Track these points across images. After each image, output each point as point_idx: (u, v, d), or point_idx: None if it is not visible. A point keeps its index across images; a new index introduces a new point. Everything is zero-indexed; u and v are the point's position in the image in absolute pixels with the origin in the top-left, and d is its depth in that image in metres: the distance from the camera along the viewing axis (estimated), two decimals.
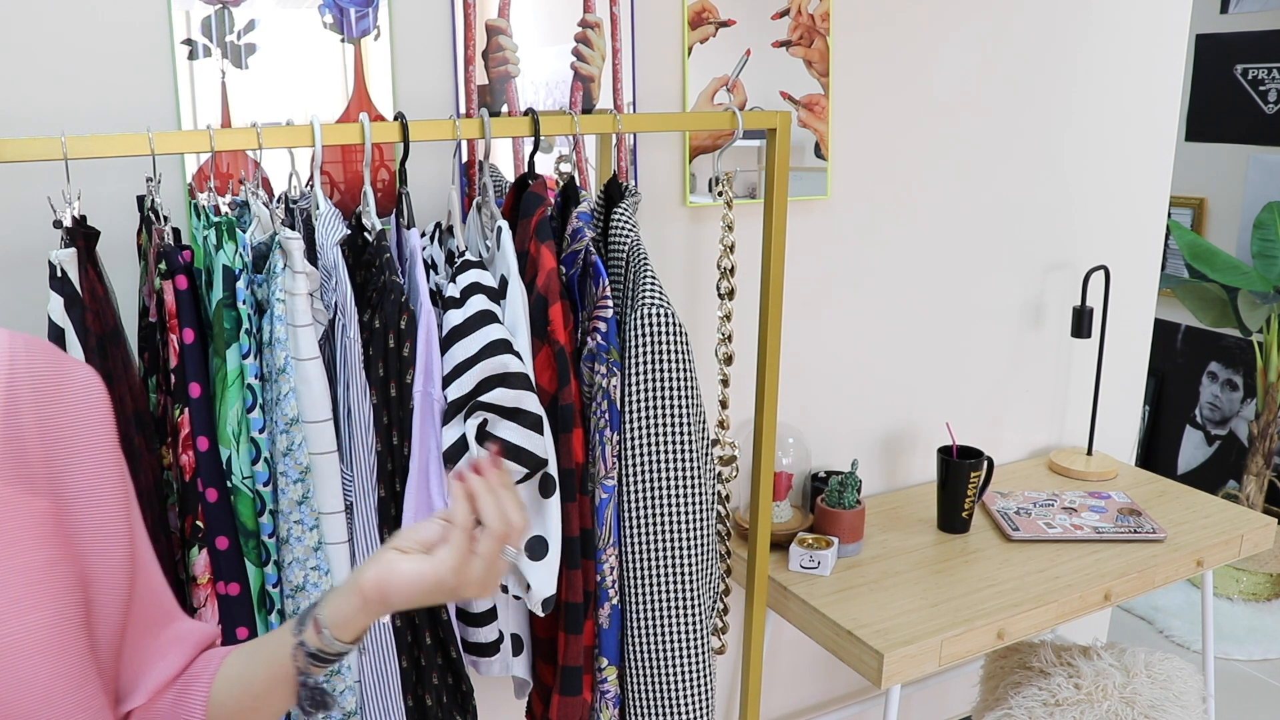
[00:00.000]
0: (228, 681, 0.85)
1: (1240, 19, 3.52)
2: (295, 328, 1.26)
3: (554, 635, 1.54)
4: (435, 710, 1.43)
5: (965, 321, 2.31)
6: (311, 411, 1.28)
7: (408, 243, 1.38)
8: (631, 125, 1.50)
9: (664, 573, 1.50)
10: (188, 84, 1.45)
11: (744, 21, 1.85)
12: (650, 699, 1.53)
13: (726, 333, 1.66)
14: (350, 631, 0.81)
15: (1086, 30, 2.27)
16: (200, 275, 1.29)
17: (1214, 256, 3.31)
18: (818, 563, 1.87)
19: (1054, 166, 2.33)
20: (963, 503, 2.02)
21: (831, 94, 1.99)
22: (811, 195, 2.01)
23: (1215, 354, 3.76)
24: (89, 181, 1.43)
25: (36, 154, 1.16)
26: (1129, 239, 2.51)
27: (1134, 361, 2.63)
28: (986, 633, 1.73)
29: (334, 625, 0.81)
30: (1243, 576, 3.26)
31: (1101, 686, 1.89)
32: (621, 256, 1.49)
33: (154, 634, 0.84)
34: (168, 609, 0.87)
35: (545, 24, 1.68)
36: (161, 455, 1.32)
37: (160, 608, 0.86)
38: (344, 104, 1.56)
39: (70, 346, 1.20)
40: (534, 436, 1.36)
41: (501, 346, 1.33)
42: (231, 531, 1.29)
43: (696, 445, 1.48)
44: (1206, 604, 2.24)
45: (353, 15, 1.53)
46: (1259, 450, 3.32)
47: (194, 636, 0.88)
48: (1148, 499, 2.23)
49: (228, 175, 1.50)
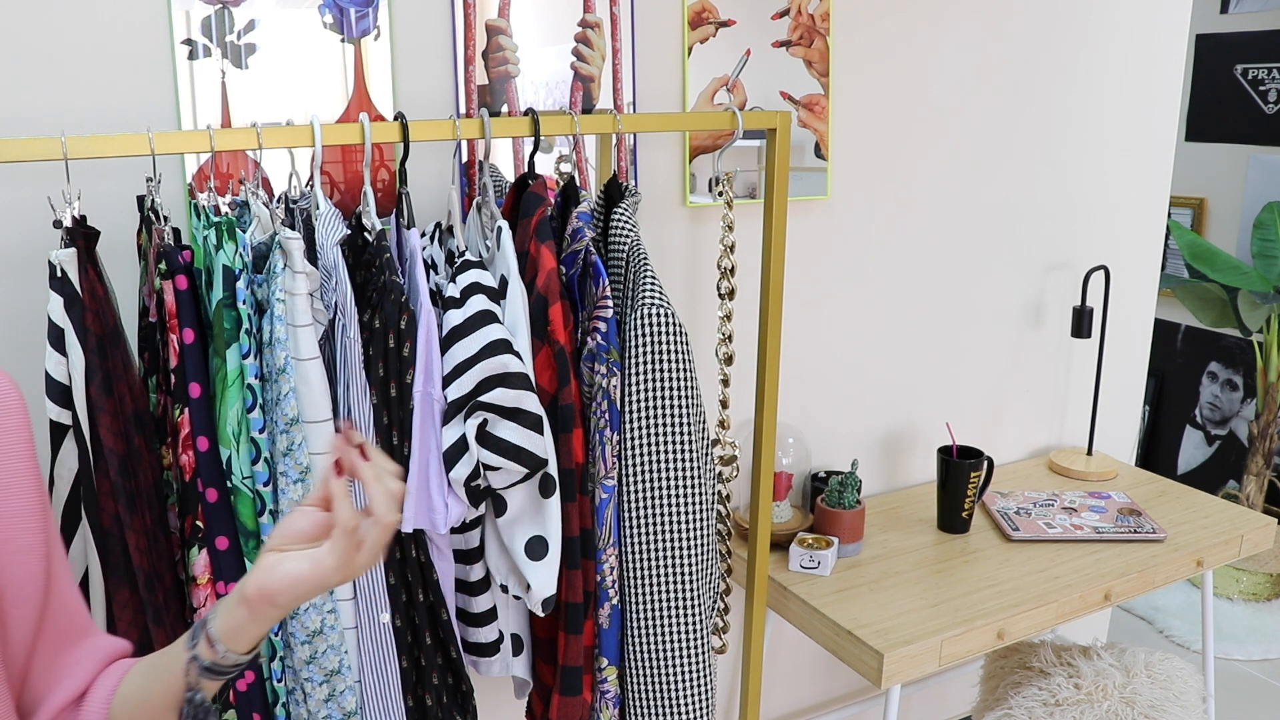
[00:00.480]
0: (125, 700, 0.82)
1: (1240, 19, 3.52)
2: (295, 328, 1.26)
3: (554, 635, 1.54)
4: (435, 710, 1.43)
5: (965, 321, 2.31)
6: (311, 411, 1.28)
7: (408, 243, 1.38)
8: (631, 125, 1.50)
9: (664, 573, 1.50)
10: (188, 84, 1.45)
11: (744, 21, 1.85)
12: (650, 699, 1.53)
13: (726, 333, 1.66)
14: (244, 642, 0.79)
15: (1086, 30, 2.27)
16: (200, 275, 1.29)
17: (1214, 256, 3.31)
18: (818, 563, 1.87)
19: (1054, 166, 2.33)
20: (963, 503, 2.02)
21: (831, 94, 1.99)
22: (811, 195, 2.01)
23: (1215, 354, 3.76)
24: (89, 181, 1.43)
25: (36, 154, 1.16)
26: (1129, 239, 2.51)
27: (1134, 361, 2.63)
28: (986, 633, 1.73)
29: (226, 637, 0.78)
30: (1243, 576, 3.26)
31: (1101, 686, 1.89)
32: (621, 256, 1.49)
33: (64, 650, 0.82)
34: (80, 625, 0.84)
35: (545, 24, 1.68)
36: (161, 455, 1.32)
37: (72, 623, 0.83)
38: (344, 104, 1.56)
39: (70, 346, 1.20)
40: (534, 436, 1.36)
41: (501, 346, 1.33)
42: (231, 531, 1.29)
43: (696, 445, 1.48)
44: (1206, 604, 2.24)
45: (353, 15, 1.53)
46: (1259, 450, 3.32)
47: (102, 652, 0.85)
48: (1148, 499, 2.23)
49: (228, 175, 1.50)
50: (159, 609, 1.27)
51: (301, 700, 1.34)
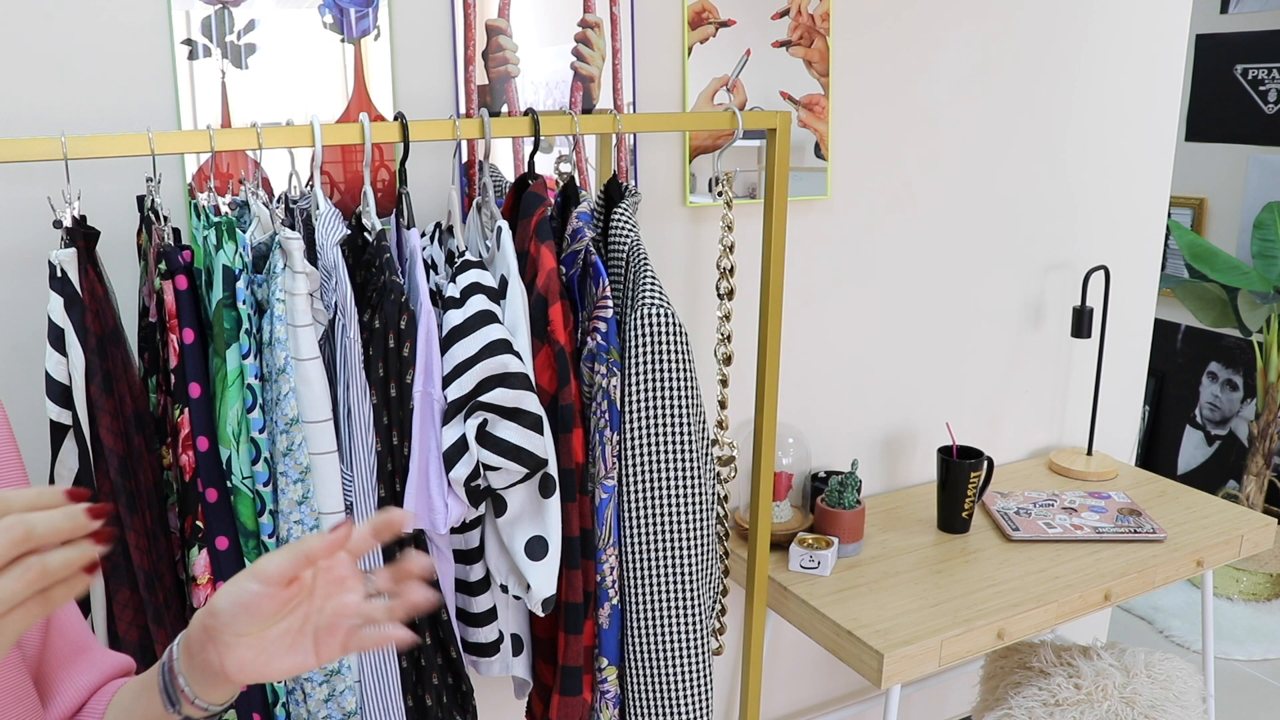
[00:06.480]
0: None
1: (1240, 19, 3.52)
2: (295, 328, 1.26)
3: (554, 635, 1.54)
4: (435, 710, 1.43)
5: (965, 321, 2.31)
6: (311, 411, 1.28)
7: (408, 243, 1.38)
8: (631, 125, 1.50)
9: (664, 573, 1.50)
10: (188, 84, 1.45)
11: (744, 21, 1.85)
12: (650, 699, 1.53)
13: (726, 333, 1.66)
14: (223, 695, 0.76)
15: (1086, 30, 2.27)
16: (200, 275, 1.29)
17: (1214, 256, 3.31)
18: (818, 563, 1.87)
19: (1054, 166, 2.33)
20: (963, 503, 2.02)
21: (831, 94, 1.99)
22: (811, 195, 2.01)
23: (1215, 354, 3.76)
24: (89, 181, 1.43)
25: (36, 154, 1.16)
26: (1129, 239, 2.51)
27: (1134, 361, 2.63)
28: (986, 633, 1.73)
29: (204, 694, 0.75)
30: (1243, 576, 3.26)
31: (1101, 686, 1.89)
32: (621, 256, 1.49)
33: (65, 663, 0.81)
34: (79, 639, 0.83)
35: (545, 24, 1.68)
36: (161, 455, 1.32)
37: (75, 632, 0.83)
38: (344, 104, 1.56)
39: (70, 346, 1.20)
40: (534, 436, 1.36)
41: (501, 346, 1.33)
42: (231, 531, 1.29)
43: (696, 445, 1.48)
44: (1206, 604, 2.24)
45: (353, 15, 1.53)
46: (1259, 450, 3.32)
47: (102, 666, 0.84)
48: (1148, 499, 2.23)
49: (228, 175, 1.50)
50: (159, 609, 1.27)
51: (301, 700, 1.34)
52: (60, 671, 0.81)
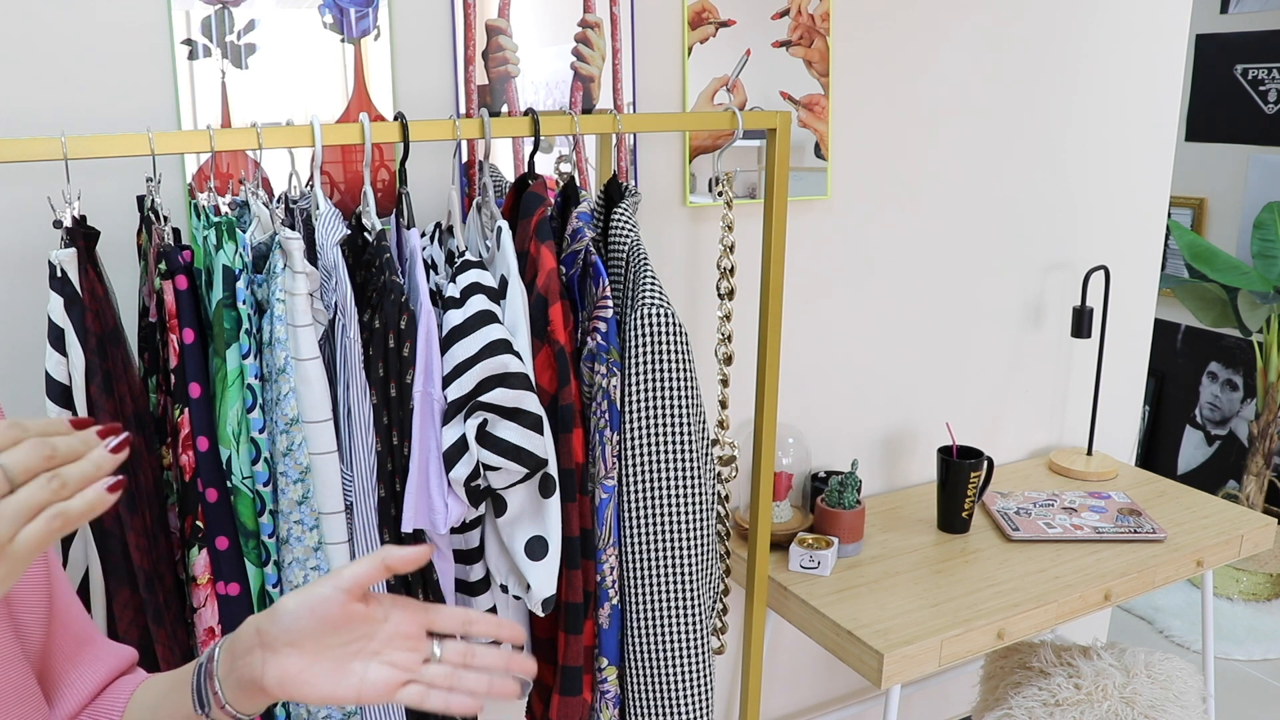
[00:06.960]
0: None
1: (1240, 19, 3.52)
2: (295, 328, 1.26)
3: (554, 635, 1.54)
4: None
5: (965, 321, 2.31)
6: (311, 411, 1.28)
7: (408, 243, 1.38)
8: (631, 125, 1.50)
9: (664, 573, 1.50)
10: (188, 84, 1.45)
11: (744, 21, 1.85)
12: (650, 699, 1.53)
13: (726, 333, 1.66)
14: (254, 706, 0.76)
15: (1087, 30, 2.27)
16: (200, 275, 1.29)
17: (1214, 256, 3.31)
18: (818, 563, 1.87)
19: (1054, 166, 2.33)
20: (963, 503, 2.02)
21: (831, 94, 1.99)
22: (811, 195, 2.01)
23: (1215, 354, 3.76)
24: (89, 181, 1.43)
25: (36, 154, 1.16)
26: (1129, 239, 2.51)
27: (1134, 361, 2.63)
28: (986, 633, 1.73)
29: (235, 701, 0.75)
30: (1243, 576, 3.26)
31: (1101, 686, 1.89)
32: (621, 256, 1.49)
33: (69, 657, 0.82)
34: (82, 632, 0.84)
35: (545, 24, 1.68)
36: (161, 455, 1.32)
37: (78, 625, 0.83)
38: (344, 104, 1.56)
39: (70, 346, 1.20)
40: (534, 436, 1.36)
41: (501, 346, 1.33)
42: (231, 531, 1.29)
43: (696, 445, 1.48)
44: (1206, 604, 2.24)
45: (353, 15, 1.53)
46: (1259, 450, 3.32)
47: (108, 659, 0.84)
48: (1148, 499, 2.23)
49: (228, 175, 1.50)
50: (159, 609, 1.27)
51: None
52: (65, 665, 0.82)
